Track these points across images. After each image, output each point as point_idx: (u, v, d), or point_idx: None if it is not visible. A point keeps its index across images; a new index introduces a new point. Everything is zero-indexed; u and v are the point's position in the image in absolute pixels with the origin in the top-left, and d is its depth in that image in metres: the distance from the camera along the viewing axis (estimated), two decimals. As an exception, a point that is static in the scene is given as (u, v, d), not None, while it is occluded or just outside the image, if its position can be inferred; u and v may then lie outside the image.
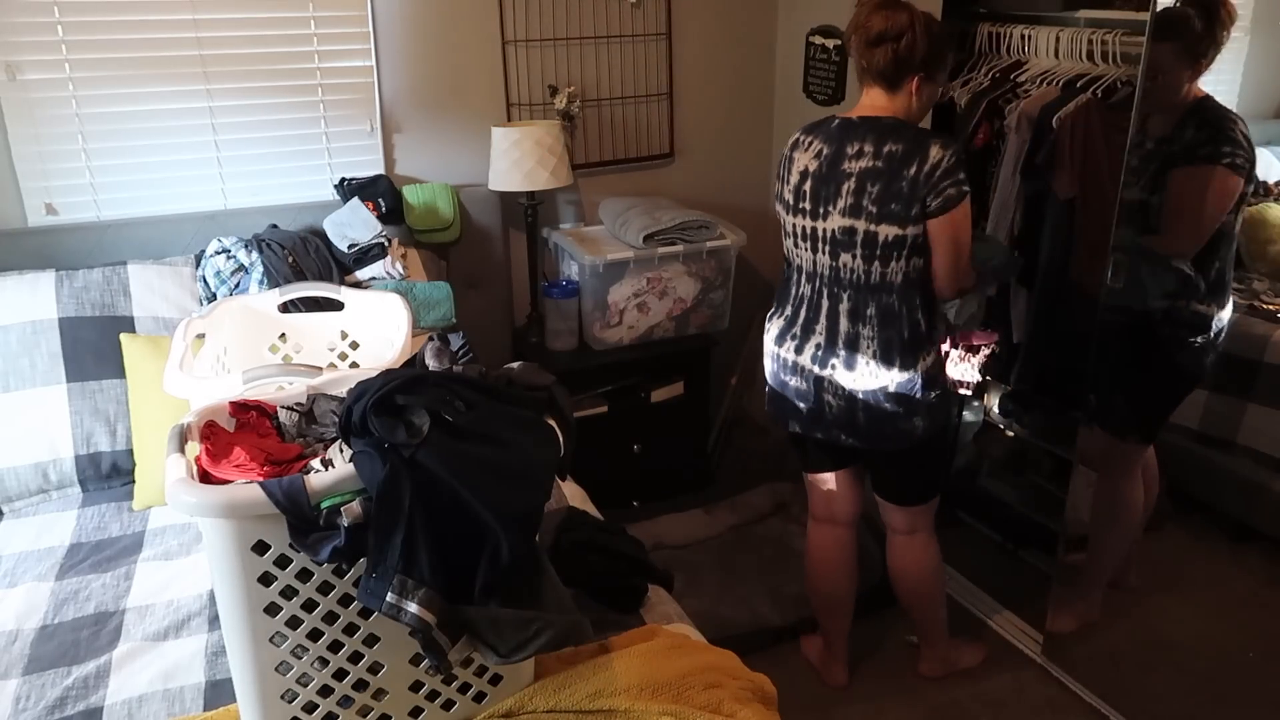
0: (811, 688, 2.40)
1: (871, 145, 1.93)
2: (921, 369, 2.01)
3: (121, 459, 2.11)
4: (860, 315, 2.00)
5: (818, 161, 2.00)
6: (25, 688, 1.50)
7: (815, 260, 2.04)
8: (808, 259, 2.07)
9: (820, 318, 2.06)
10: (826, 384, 2.07)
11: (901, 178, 1.90)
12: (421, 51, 2.70)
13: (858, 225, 1.95)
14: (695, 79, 3.09)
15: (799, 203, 2.04)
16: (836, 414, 2.09)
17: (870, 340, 2.00)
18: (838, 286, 2.02)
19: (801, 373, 2.12)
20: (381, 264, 2.44)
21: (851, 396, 2.05)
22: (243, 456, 1.25)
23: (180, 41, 2.43)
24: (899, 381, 2.01)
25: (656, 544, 2.83)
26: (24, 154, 2.37)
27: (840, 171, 1.96)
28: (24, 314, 2.13)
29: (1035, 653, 2.49)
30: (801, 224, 2.05)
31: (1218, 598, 2.22)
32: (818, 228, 2.01)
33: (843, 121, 2.00)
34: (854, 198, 1.94)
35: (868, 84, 2.00)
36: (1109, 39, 2.25)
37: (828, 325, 2.05)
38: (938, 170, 1.88)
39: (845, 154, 1.96)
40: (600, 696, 1.37)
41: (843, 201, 1.96)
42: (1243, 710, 2.10)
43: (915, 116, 2.00)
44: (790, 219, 2.08)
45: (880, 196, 1.91)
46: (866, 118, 1.97)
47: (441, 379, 1.24)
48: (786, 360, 2.15)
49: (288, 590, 1.19)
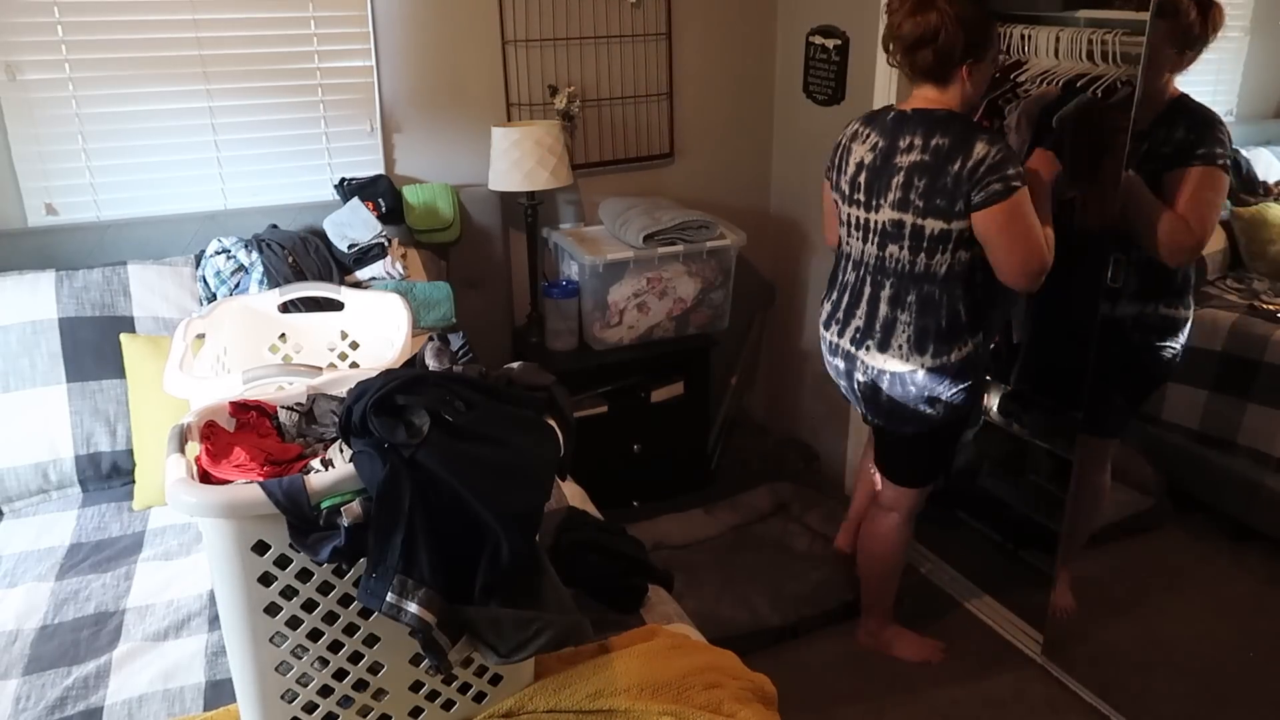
0: (812, 688, 2.40)
1: (921, 139, 1.97)
2: (955, 358, 2.05)
3: (121, 459, 2.11)
4: (901, 302, 2.06)
5: (873, 154, 2.05)
6: (25, 688, 1.50)
7: (864, 250, 2.10)
8: (857, 247, 2.13)
9: (862, 303, 2.13)
10: (859, 364, 2.15)
11: (946, 173, 1.93)
12: (421, 51, 2.70)
13: (905, 218, 1.99)
14: (695, 79, 3.09)
15: (854, 194, 2.10)
16: (863, 393, 2.18)
17: (906, 326, 2.06)
18: (882, 275, 2.08)
19: (842, 354, 2.21)
20: (381, 264, 2.44)
21: (879, 376, 2.12)
22: (243, 456, 1.25)
23: (180, 41, 2.43)
24: (929, 368, 2.06)
25: (656, 544, 2.83)
26: (24, 154, 2.37)
27: (892, 165, 2.00)
28: (24, 314, 2.13)
29: (1035, 653, 2.49)
30: (855, 214, 2.11)
31: (1218, 598, 2.22)
32: (869, 219, 2.07)
33: (898, 114, 2.04)
34: (902, 191, 1.98)
35: (918, 82, 2.03)
36: (1109, 39, 2.25)
37: (868, 310, 2.11)
38: (982, 166, 1.90)
39: (898, 147, 2.00)
40: (600, 696, 1.37)
41: (892, 195, 2.00)
42: (1243, 710, 2.10)
43: (973, 99, 2.05)
44: (845, 208, 2.14)
45: (926, 190, 1.95)
46: (920, 110, 2.01)
47: (441, 379, 1.24)
48: (832, 343, 2.24)
49: (288, 590, 1.19)
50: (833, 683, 2.42)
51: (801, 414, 3.38)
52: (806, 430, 3.36)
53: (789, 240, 3.29)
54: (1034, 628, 2.53)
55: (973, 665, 2.48)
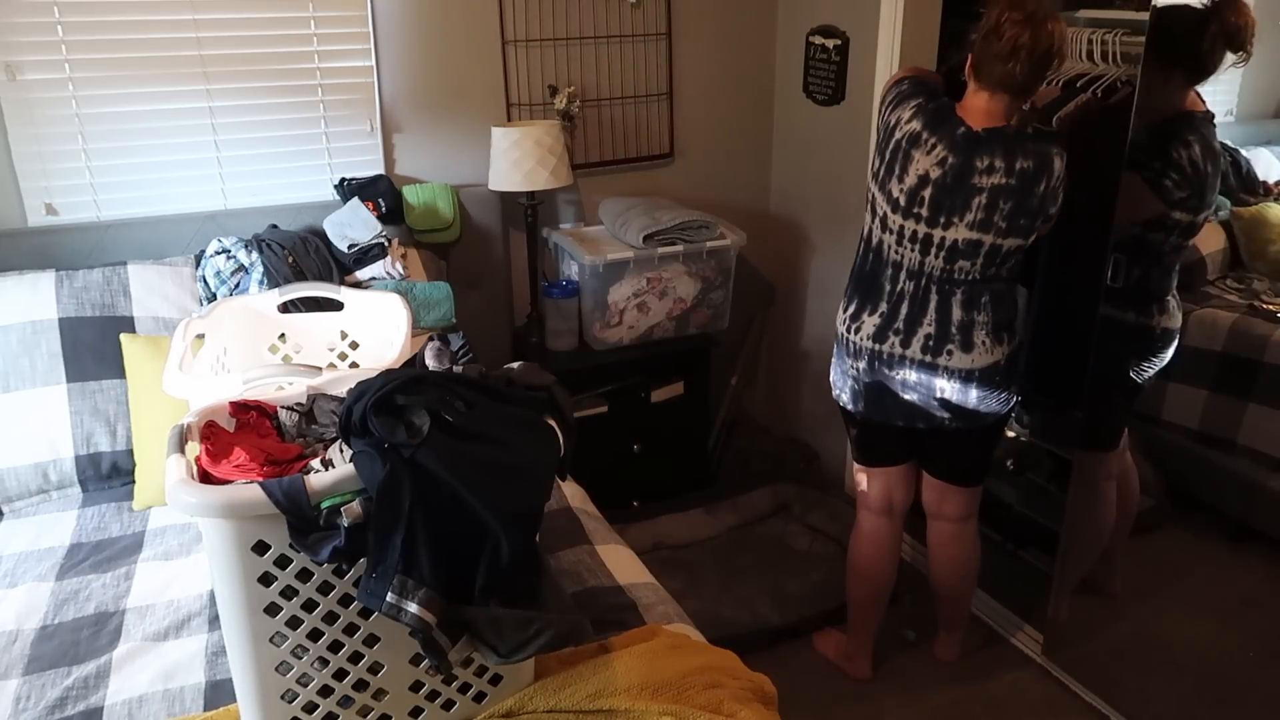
0: (811, 688, 2.40)
1: (1002, 161, 1.93)
2: (1019, 342, 2.10)
3: (121, 459, 2.11)
4: (975, 303, 2.05)
5: (941, 170, 1.95)
6: (25, 688, 1.50)
7: (923, 261, 2.04)
8: (913, 259, 2.05)
9: (929, 310, 2.07)
10: (942, 370, 2.08)
11: (1034, 195, 1.94)
12: (421, 51, 2.70)
13: (985, 239, 1.98)
14: (695, 79, 3.09)
15: (913, 207, 2.01)
16: (947, 397, 2.11)
17: (985, 323, 2.05)
18: (950, 285, 2.05)
19: (911, 364, 2.10)
20: (381, 264, 2.44)
21: (969, 375, 2.08)
22: (243, 457, 1.25)
23: (180, 41, 2.43)
24: (1008, 355, 2.08)
25: (657, 544, 2.83)
26: (24, 154, 2.37)
27: (970, 185, 1.94)
28: (24, 314, 2.13)
29: (1035, 653, 2.49)
30: (912, 228, 2.02)
31: (1218, 598, 2.22)
32: (934, 235, 2.00)
33: (969, 132, 1.95)
34: (985, 213, 1.95)
35: (993, 91, 1.95)
36: (1109, 39, 2.25)
37: (938, 317, 2.06)
38: (1060, 179, 1.95)
39: (974, 168, 1.94)
40: (600, 696, 1.37)
41: (972, 216, 1.96)
42: (1243, 710, 2.10)
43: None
44: (897, 218, 2.04)
45: (1012, 213, 1.95)
46: (992, 130, 1.95)
47: (441, 379, 1.24)
48: (891, 355, 2.12)
49: (288, 590, 1.19)
50: (833, 683, 2.42)
51: (801, 414, 3.38)
52: (807, 430, 3.36)
53: (789, 240, 3.29)
54: (1034, 628, 2.53)
55: (973, 665, 2.48)
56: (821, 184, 3.08)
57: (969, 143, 1.94)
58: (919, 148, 1.98)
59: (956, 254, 2.00)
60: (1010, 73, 1.90)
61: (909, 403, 2.15)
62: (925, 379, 2.10)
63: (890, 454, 2.31)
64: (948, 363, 2.07)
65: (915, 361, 2.10)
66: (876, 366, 2.14)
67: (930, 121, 1.98)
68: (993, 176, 1.93)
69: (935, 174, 1.97)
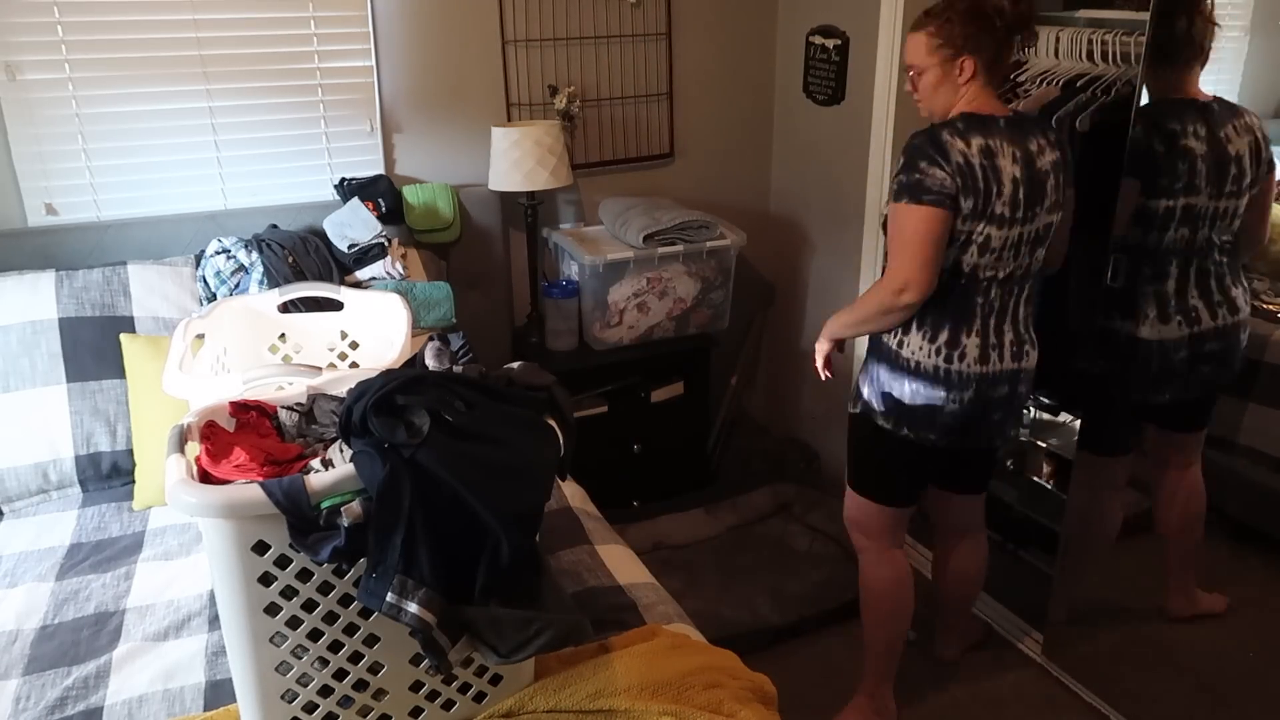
0: (811, 688, 2.40)
1: (1044, 139, 1.93)
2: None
3: (121, 459, 2.11)
4: (1031, 297, 2.03)
5: (1018, 166, 1.88)
6: (25, 688, 1.50)
7: (1015, 264, 1.94)
8: (1005, 269, 1.93)
9: (1008, 315, 1.98)
10: (1024, 375, 2.02)
11: (1068, 165, 1.96)
12: (421, 51, 2.70)
13: (1054, 219, 1.97)
14: (695, 79, 3.09)
15: (1014, 213, 1.88)
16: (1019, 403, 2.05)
17: (1030, 316, 2.04)
18: (1025, 280, 1.99)
19: (1007, 377, 1.99)
20: (381, 264, 2.44)
21: (1030, 374, 2.05)
22: (243, 457, 1.25)
23: (180, 41, 2.43)
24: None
25: (656, 544, 2.83)
26: (24, 154, 2.37)
27: (1038, 171, 1.90)
28: (24, 314, 2.13)
29: (1035, 653, 2.49)
30: (1013, 233, 1.90)
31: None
32: (1024, 231, 1.92)
33: (1009, 121, 1.89)
34: (1054, 194, 1.94)
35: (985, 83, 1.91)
36: (1109, 39, 2.25)
37: (1013, 319, 1.99)
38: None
39: (1032, 152, 1.90)
40: (600, 696, 1.37)
41: (1049, 199, 1.93)
42: (1243, 710, 2.10)
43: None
44: (1001, 232, 1.89)
45: (1060, 185, 1.95)
46: (1018, 114, 1.95)
47: (441, 379, 1.24)
48: (998, 372, 1.98)
49: (288, 590, 1.19)
50: (833, 683, 2.42)
51: (801, 414, 3.38)
52: (806, 430, 3.36)
53: (789, 240, 3.29)
54: (1034, 628, 2.53)
55: (973, 665, 2.48)
56: (821, 184, 3.08)
57: (1018, 131, 1.90)
58: (999, 156, 1.86)
59: (1038, 242, 1.96)
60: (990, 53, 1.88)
61: (996, 422, 2.02)
62: (1009, 390, 2.00)
63: (920, 488, 2.21)
64: (1026, 364, 2.02)
65: (1008, 373, 1.99)
66: (982, 391, 1.97)
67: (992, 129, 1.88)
68: (1046, 155, 1.92)
69: (1019, 173, 1.88)
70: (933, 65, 1.91)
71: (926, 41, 1.91)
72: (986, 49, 1.88)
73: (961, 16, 1.87)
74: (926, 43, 1.91)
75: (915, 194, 1.84)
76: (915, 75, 1.96)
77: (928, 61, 1.92)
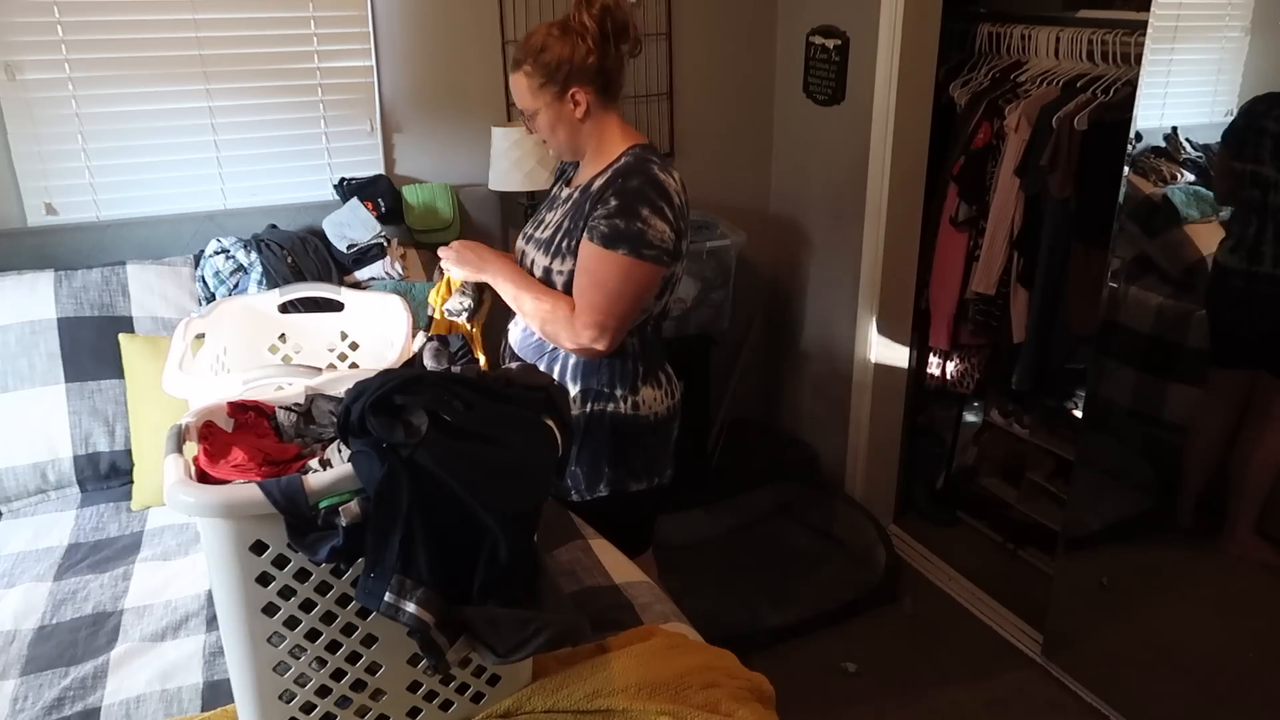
0: (811, 688, 2.40)
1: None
2: None
3: (120, 459, 2.11)
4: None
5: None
6: (23, 688, 1.50)
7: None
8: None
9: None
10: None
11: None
12: (421, 51, 2.70)
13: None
14: (695, 79, 3.09)
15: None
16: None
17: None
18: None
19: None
20: (381, 264, 2.44)
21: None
22: (241, 457, 1.24)
23: (180, 41, 2.43)
24: None
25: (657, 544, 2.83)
26: (24, 154, 2.37)
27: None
28: (23, 314, 2.13)
29: (1035, 653, 2.49)
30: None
31: (1218, 598, 2.21)
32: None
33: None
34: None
35: (615, 107, 1.85)
36: (1109, 39, 2.26)
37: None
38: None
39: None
40: (598, 696, 1.37)
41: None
42: (1243, 710, 2.10)
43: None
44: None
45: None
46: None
47: (440, 379, 1.24)
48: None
49: (285, 590, 1.18)
50: (833, 683, 2.42)
51: (801, 414, 3.38)
52: (806, 430, 3.36)
53: (789, 240, 3.29)
54: (1034, 628, 2.53)
55: (973, 665, 2.48)
56: (821, 184, 3.08)
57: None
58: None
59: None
60: (618, 73, 1.81)
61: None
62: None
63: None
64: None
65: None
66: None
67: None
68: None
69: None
70: (541, 106, 1.78)
71: (527, 83, 1.77)
72: (591, 74, 1.76)
73: (554, 47, 1.75)
74: (527, 84, 1.77)
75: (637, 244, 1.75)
76: (528, 119, 1.83)
77: (535, 103, 1.79)
